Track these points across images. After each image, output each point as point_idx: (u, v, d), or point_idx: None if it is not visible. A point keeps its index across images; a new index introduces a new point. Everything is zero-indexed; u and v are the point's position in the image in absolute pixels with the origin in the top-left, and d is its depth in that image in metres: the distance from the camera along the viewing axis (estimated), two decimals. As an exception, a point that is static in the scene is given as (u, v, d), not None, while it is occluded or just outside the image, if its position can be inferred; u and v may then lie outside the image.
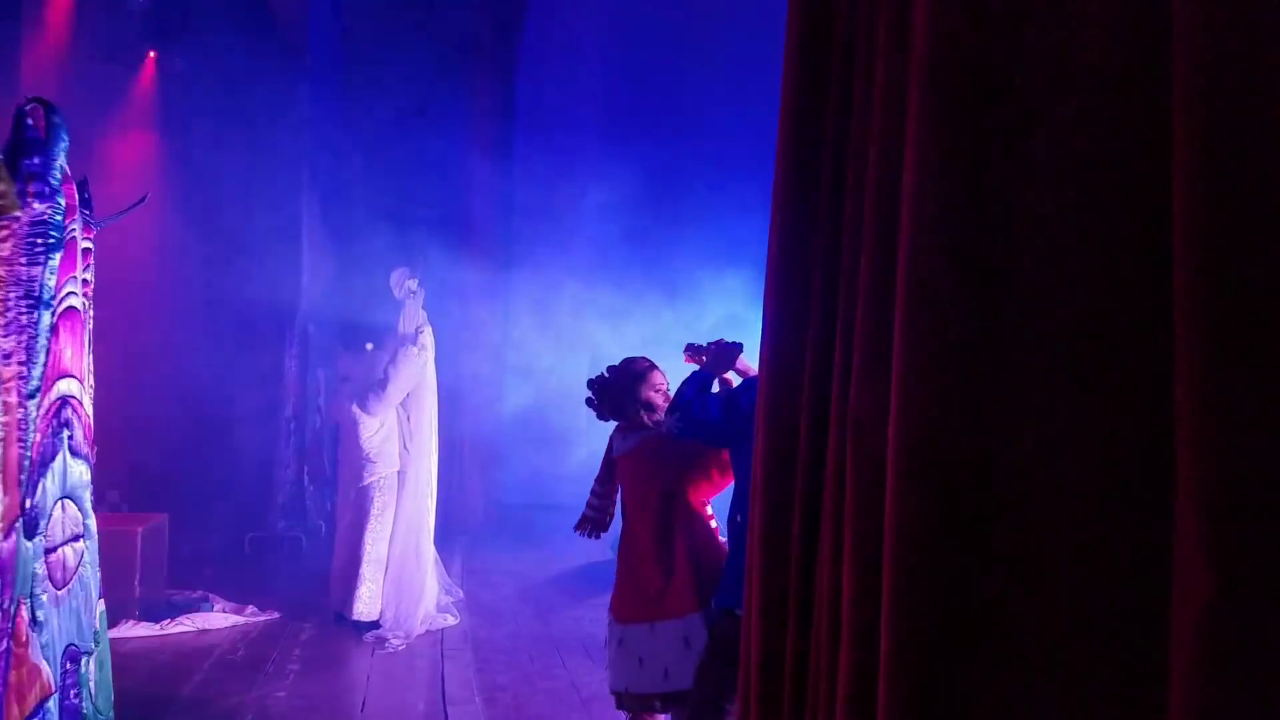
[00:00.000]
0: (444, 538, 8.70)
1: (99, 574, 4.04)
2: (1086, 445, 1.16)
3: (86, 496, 3.93)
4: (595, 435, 4.08)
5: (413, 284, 6.93)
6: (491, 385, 10.65)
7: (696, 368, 3.70)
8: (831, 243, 1.74)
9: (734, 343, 3.76)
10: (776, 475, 1.81)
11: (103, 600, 4.09)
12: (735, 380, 3.73)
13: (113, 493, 8.52)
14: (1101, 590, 1.14)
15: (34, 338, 3.32)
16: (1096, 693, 1.13)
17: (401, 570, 6.65)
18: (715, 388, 3.67)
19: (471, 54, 10.43)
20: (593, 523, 3.85)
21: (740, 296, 8.34)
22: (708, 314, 8.69)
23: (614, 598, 3.72)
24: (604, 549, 7.32)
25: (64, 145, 3.53)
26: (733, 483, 3.49)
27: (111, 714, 4.08)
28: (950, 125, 1.29)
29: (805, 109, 1.81)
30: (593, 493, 3.87)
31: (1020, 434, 1.21)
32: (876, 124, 1.49)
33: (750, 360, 3.73)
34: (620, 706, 3.71)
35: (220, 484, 9.37)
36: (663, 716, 3.66)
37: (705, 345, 3.86)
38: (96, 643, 3.97)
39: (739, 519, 3.30)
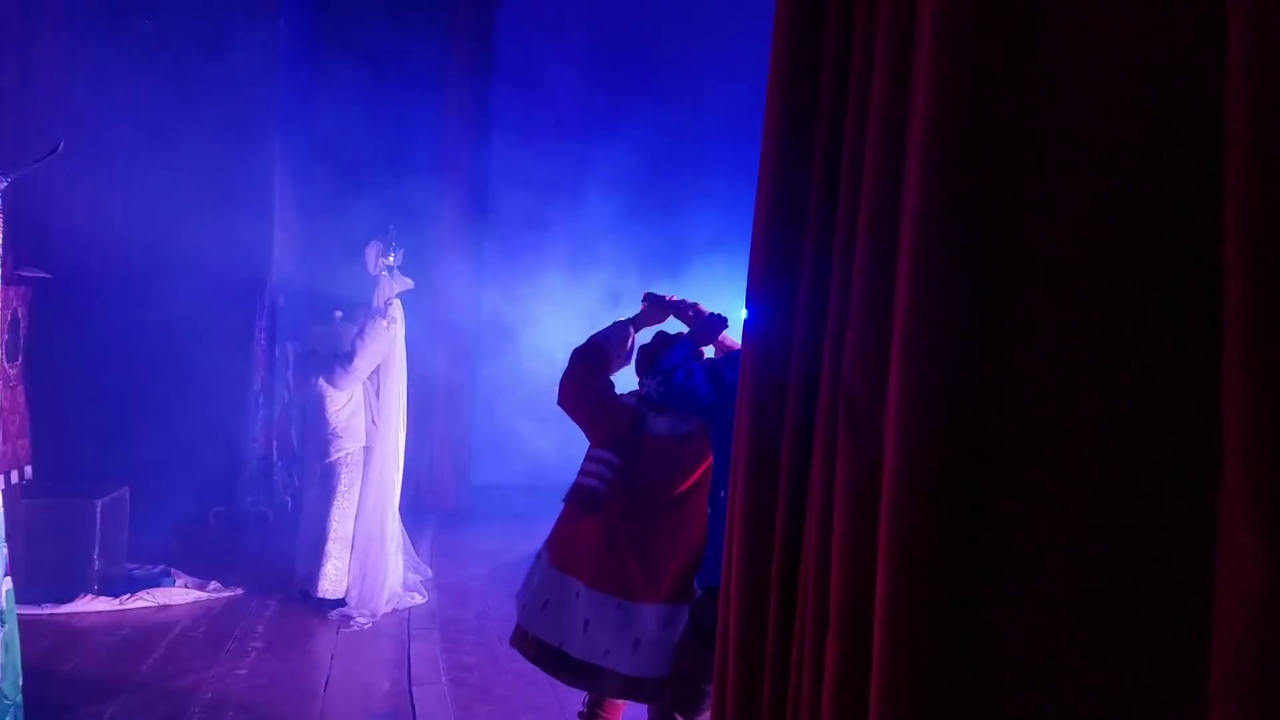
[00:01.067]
0: (414, 516, 8.59)
1: (5, 548, 3.82)
2: (1109, 433, 1.06)
3: None
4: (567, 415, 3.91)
5: (388, 259, 6.78)
6: (464, 361, 10.50)
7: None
8: (826, 192, 1.62)
9: (717, 315, 3.66)
10: (760, 452, 1.71)
11: (9, 577, 3.84)
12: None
13: (74, 464, 8.30)
14: (1121, 588, 1.05)
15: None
16: (1112, 696, 1.04)
17: (367, 548, 6.53)
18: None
19: (448, 14, 10.21)
20: (593, 497, 3.53)
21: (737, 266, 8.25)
22: (698, 282, 8.60)
23: (585, 557, 3.51)
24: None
25: None
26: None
27: (19, 698, 3.83)
28: (965, 42, 1.17)
29: (801, 31, 1.67)
30: (600, 461, 3.56)
31: (1037, 419, 1.11)
32: (880, 49, 1.37)
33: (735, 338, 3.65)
34: (522, 648, 3.62)
35: (185, 457, 9.18)
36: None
37: (672, 299, 3.76)
38: (2, 623, 3.75)
39: (722, 495, 3.21)
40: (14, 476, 7.84)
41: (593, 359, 3.69)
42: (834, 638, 1.32)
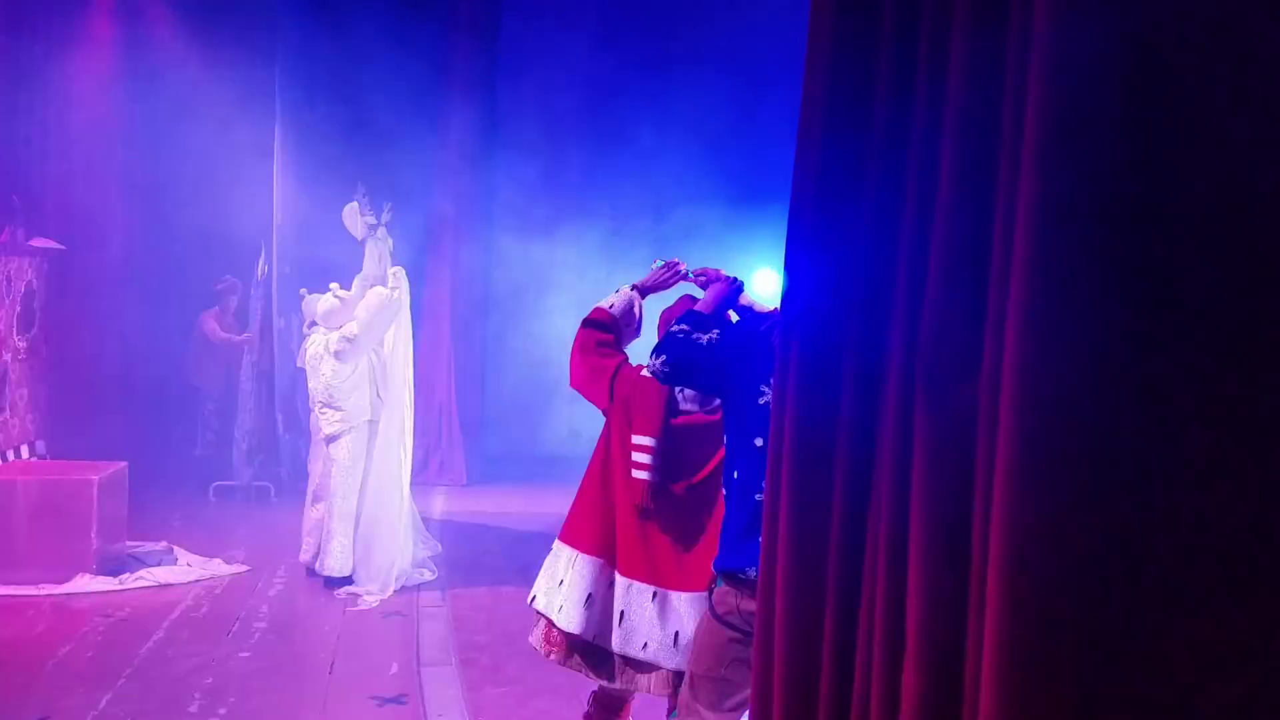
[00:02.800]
0: (423, 488, 8.38)
1: None
2: (1239, 435, 0.93)
3: None
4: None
5: (371, 218, 6.52)
6: (474, 328, 10.26)
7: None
8: (894, 137, 1.40)
9: (733, 279, 3.43)
10: (808, 443, 1.48)
11: None
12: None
13: (78, 439, 8.11)
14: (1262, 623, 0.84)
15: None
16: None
17: (373, 524, 6.31)
18: None
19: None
20: (652, 493, 3.29)
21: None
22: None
23: (619, 549, 3.32)
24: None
25: None
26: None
27: None
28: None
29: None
30: (644, 450, 3.32)
31: (1177, 436, 0.96)
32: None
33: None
34: (549, 649, 3.43)
35: (184, 430, 9.00)
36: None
37: (682, 267, 3.55)
38: None
39: (736, 475, 2.99)
40: (24, 451, 7.71)
41: (601, 328, 3.47)
42: (914, 673, 1.10)
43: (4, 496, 6.13)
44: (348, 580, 6.23)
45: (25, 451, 7.76)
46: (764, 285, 9.22)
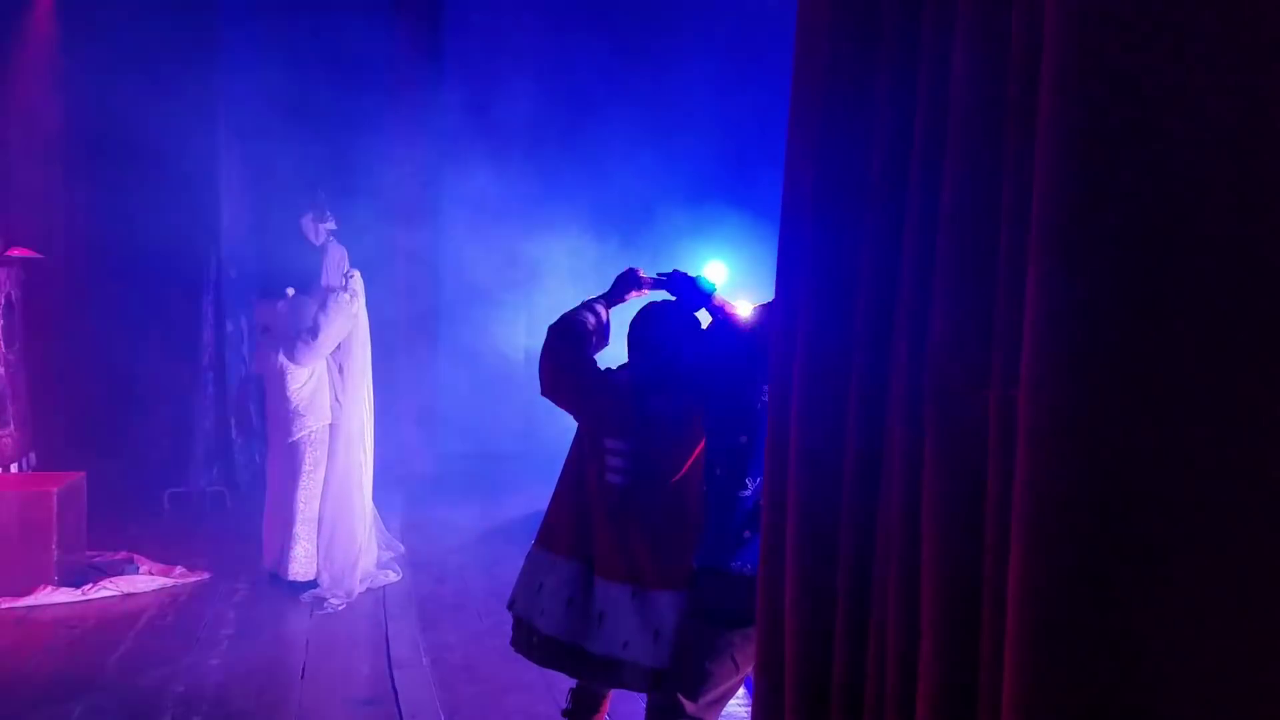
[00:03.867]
0: (383, 490, 8.38)
1: None
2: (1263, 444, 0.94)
3: None
4: (534, 381, 3.67)
5: (329, 224, 6.53)
6: (426, 328, 10.26)
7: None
8: (898, 118, 1.45)
9: (698, 280, 3.49)
10: (813, 444, 1.55)
11: None
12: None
13: (28, 455, 8.03)
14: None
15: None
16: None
17: (336, 527, 6.34)
18: None
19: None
20: (624, 495, 3.29)
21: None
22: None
23: (596, 551, 3.35)
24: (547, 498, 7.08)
25: None
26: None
27: None
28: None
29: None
30: (616, 454, 3.32)
31: (1192, 438, 0.97)
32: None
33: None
34: (528, 651, 3.45)
35: (136, 438, 8.88)
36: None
37: (644, 276, 3.60)
38: None
39: (718, 472, 3.09)
40: (24, 464, 7.67)
41: (570, 336, 3.50)
42: (930, 673, 1.19)
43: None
44: (313, 584, 6.26)
45: (23, 464, 7.73)
46: (715, 275, 9.38)
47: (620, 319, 3.66)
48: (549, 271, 9.36)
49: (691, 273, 3.51)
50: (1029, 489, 1.05)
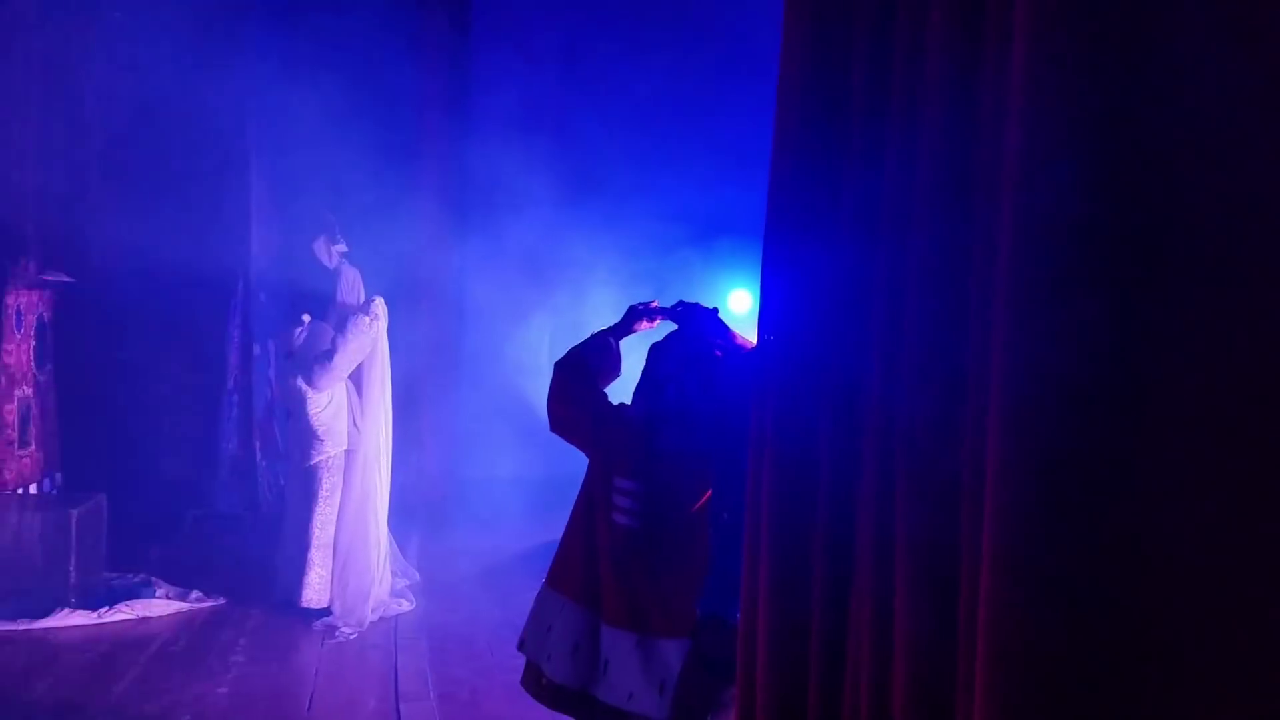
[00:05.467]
0: (399, 515, 8.39)
1: None
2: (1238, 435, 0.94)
3: None
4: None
5: (342, 247, 6.57)
6: (448, 352, 10.29)
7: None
8: (869, 154, 1.46)
9: (707, 309, 3.41)
10: (787, 472, 1.53)
11: None
12: None
13: (54, 474, 8.16)
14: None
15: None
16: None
17: (350, 555, 6.33)
18: None
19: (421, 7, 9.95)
20: (632, 538, 3.17)
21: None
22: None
23: (603, 595, 3.22)
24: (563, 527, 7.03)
25: None
26: None
27: None
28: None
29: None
30: (626, 494, 3.20)
31: (1165, 446, 0.98)
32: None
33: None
34: (536, 692, 3.33)
35: (161, 459, 8.96)
36: None
37: (649, 306, 3.54)
38: None
39: (725, 516, 3.02)
40: (45, 484, 7.81)
41: (578, 370, 3.44)
42: (902, 684, 1.18)
43: (-14, 530, 6.13)
44: (326, 612, 6.26)
45: (47, 484, 7.87)
46: (739, 305, 9.31)
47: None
48: (571, 295, 9.35)
49: (708, 304, 3.41)
50: (997, 501, 1.05)
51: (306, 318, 6.52)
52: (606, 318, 3.75)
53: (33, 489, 7.57)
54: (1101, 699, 1.04)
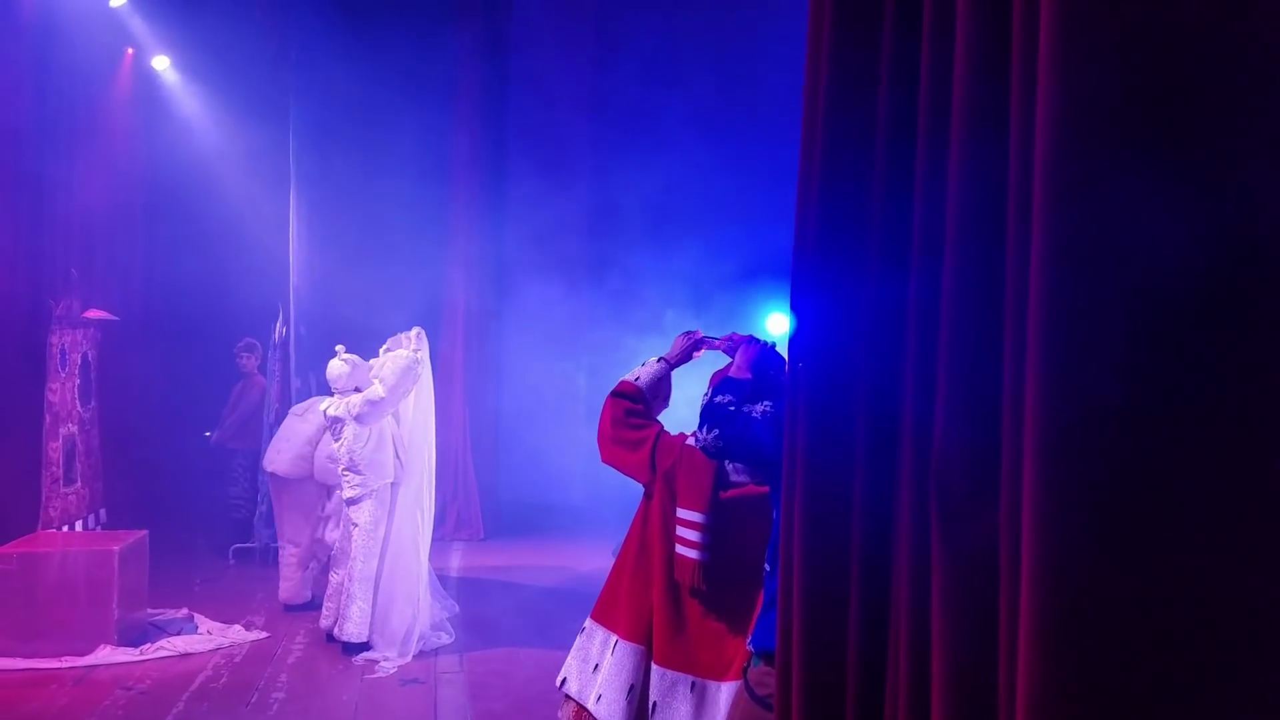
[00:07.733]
0: (439, 542, 8.38)
1: None
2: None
3: None
4: (594, 428, 3.48)
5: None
6: (489, 377, 10.32)
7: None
8: (898, 177, 1.46)
9: (761, 342, 3.32)
10: (821, 494, 1.52)
11: None
12: None
13: (99, 510, 8.26)
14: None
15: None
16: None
17: (392, 588, 6.30)
18: None
19: (457, 24, 10.06)
20: (700, 572, 3.13)
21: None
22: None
23: (655, 634, 3.16)
24: (606, 555, 6.97)
25: None
26: None
27: None
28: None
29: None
30: (692, 526, 3.13)
31: (1205, 461, 0.98)
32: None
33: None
34: None
35: (204, 493, 9.02)
36: None
37: (701, 337, 3.47)
38: None
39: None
40: (90, 521, 7.92)
41: (636, 399, 3.36)
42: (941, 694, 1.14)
43: (27, 568, 6.17)
44: (366, 646, 6.22)
45: (91, 520, 7.97)
46: (775, 327, 9.24)
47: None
48: (604, 331, 9.34)
49: (763, 337, 3.36)
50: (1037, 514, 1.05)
51: (340, 348, 6.53)
52: (654, 344, 3.70)
53: (78, 526, 7.65)
54: (1142, 669, 1.04)
